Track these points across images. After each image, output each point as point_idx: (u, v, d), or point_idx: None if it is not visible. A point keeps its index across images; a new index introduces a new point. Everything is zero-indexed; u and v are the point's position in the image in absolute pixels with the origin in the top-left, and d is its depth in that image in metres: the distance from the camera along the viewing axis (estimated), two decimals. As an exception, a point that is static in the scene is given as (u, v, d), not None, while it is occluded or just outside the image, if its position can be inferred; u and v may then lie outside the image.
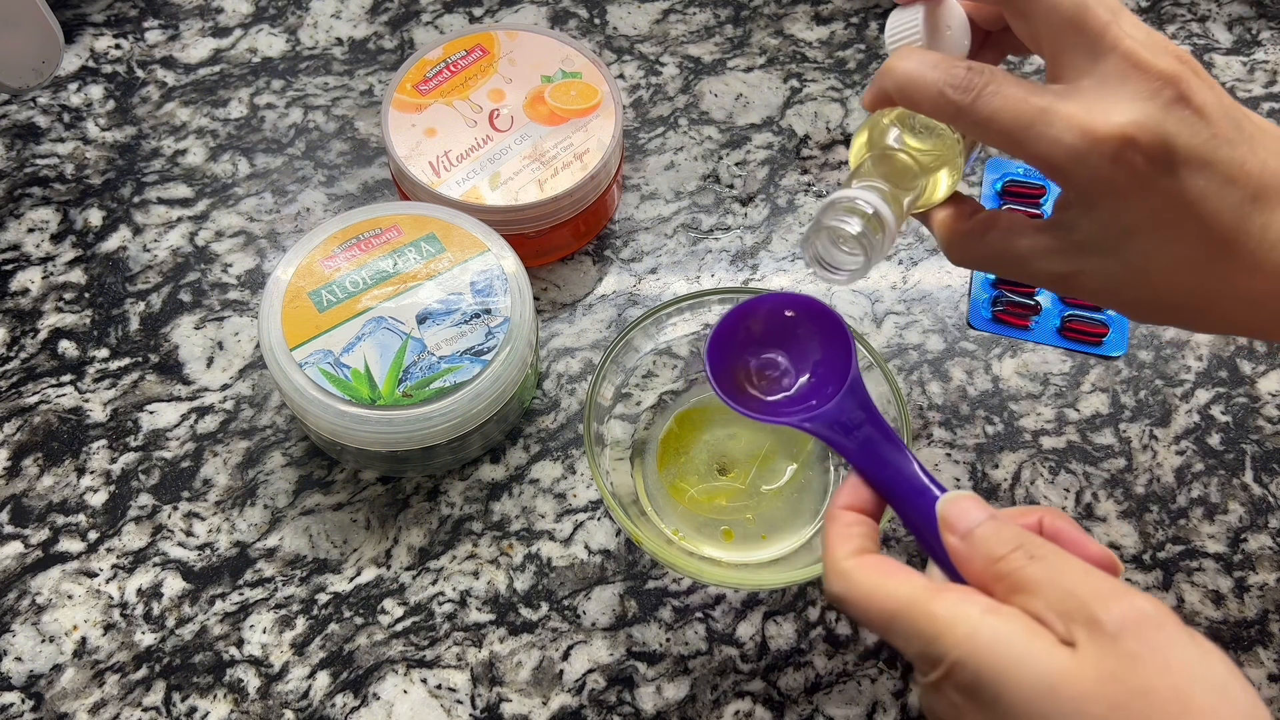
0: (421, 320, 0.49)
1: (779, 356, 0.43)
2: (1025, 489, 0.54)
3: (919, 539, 0.37)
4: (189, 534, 0.52)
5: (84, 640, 0.50)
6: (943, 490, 0.36)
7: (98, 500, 0.53)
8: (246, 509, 0.53)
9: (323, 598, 0.51)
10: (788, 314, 0.43)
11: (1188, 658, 0.29)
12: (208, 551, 0.52)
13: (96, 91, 0.64)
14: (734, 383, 0.43)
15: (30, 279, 0.58)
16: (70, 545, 0.52)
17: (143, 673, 0.49)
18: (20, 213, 0.60)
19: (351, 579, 0.51)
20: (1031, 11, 0.37)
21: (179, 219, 0.60)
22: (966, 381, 0.57)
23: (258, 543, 0.52)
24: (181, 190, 0.61)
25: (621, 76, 0.65)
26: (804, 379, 0.43)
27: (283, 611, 0.50)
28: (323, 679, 0.49)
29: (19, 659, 0.49)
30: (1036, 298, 0.58)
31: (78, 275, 0.58)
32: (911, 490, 0.37)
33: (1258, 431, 0.55)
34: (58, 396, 0.55)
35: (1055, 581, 0.31)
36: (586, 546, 0.52)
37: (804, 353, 0.43)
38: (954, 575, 0.35)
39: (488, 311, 0.49)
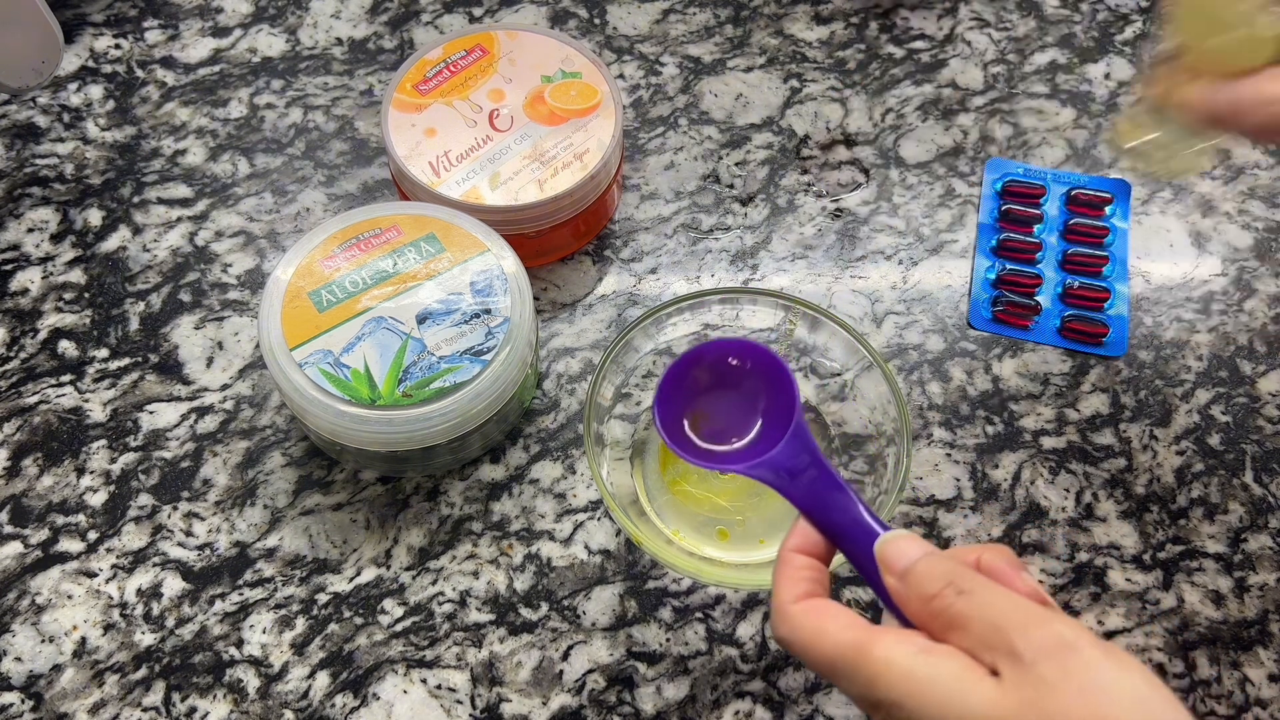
0: (421, 320, 0.49)
1: (727, 403, 0.43)
2: (1025, 489, 0.54)
3: (868, 581, 0.36)
4: (189, 534, 0.52)
5: (84, 640, 0.50)
6: (887, 530, 0.36)
7: (97, 500, 0.53)
8: (246, 509, 0.53)
9: (322, 598, 0.51)
10: (732, 361, 0.43)
11: (1103, 678, 0.30)
12: (207, 551, 0.52)
13: (96, 91, 0.64)
14: (685, 430, 0.44)
15: (30, 279, 0.58)
16: (70, 545, 0.52)
17: (142, 673, 0.49)
18: (20, 213, 0.60)
19: (351, 579, 0.51)
20: None
21: (179, 219, 0.60)
22: (966, 381, 0.56)
23: (257, 543, 0.52)
24: (181, 190, 0.61)
25: (621, 76, 0.65)
26: (755, 424, 0.43)
27: (282, 611, 0.50)
28: (322, 679, 0.49)
29: (19, 659, 0.49)
30: (1036, 298, 0.58)
31: (78, 275, 0.58)
32: (858, 533, 0.37)
33: (1258, 431, 0.55)
34: (57, 396, 0.55)
35: (981, 615, 0.32)
36: (586, 546, 0.52)
37: (752, 398, 0.43)
38: (901, 616, 0.35)
39: (488, 311, 0.49)
